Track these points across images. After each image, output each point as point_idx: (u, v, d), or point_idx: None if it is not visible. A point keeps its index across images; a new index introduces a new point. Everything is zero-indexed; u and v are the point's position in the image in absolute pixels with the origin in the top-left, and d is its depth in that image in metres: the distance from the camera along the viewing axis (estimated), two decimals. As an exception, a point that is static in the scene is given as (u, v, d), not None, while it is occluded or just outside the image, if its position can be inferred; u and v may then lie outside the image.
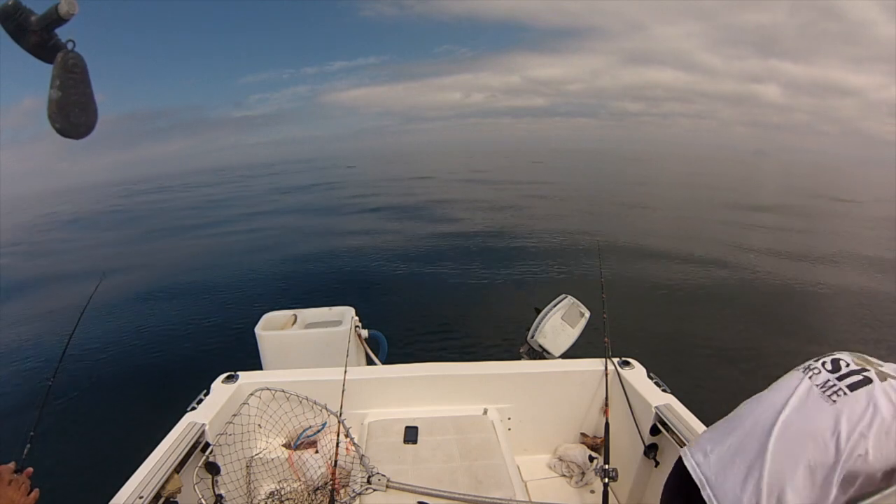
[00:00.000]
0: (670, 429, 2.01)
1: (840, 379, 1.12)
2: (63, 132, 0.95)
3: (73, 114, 0.95)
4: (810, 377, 1.18)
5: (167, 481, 1.78)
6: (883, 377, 1.08)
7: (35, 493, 1.26)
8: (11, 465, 1.26)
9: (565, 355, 2.77)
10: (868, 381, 1.08)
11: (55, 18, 0.87)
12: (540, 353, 2.82)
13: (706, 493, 1.16)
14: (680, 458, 1.33)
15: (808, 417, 1.10)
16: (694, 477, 1.22)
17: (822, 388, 1.13)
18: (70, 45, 0.93)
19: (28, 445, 1.48)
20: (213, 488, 2.15)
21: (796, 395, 1.16)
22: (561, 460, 2.54)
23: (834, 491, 1.02)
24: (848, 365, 1.15)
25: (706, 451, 1.25)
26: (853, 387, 1.09)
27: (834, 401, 1.08)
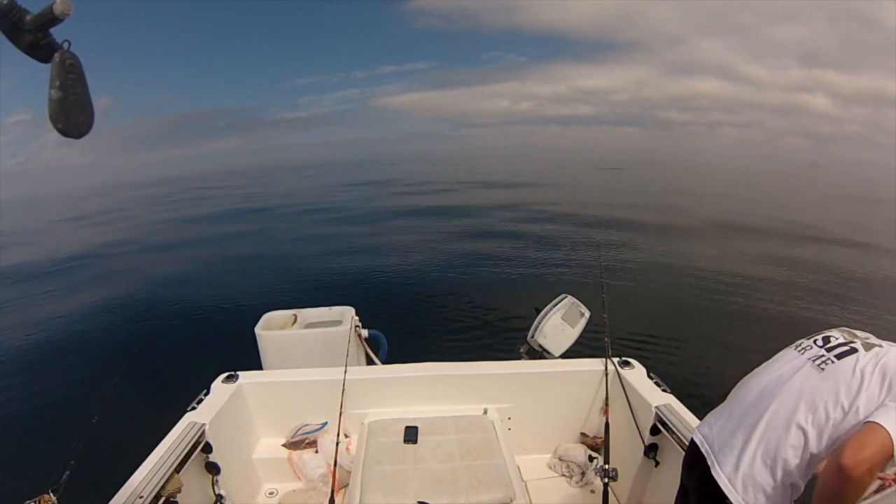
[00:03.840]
0: (670, 429, 2.01)
1: (829, 351, 1.23)
2: (64, 132, 0.95)
3: (73, 113, 0.95)
4: (802, 352, 1.29)
5: (167, 481, 1.78)
6: (868, 347, 1.19)
7: None
8: None
9: (565, 355, 2.77)
10: (854, 350, 1.19)
11: (50, 18, 0.87)
12: (540, 353, 2.82)
13: (710, 459, 1.28)
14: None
15: (801, 385, 1.20)
16: (701, 449, 1.33)
17: (813, 360, 1.23)
18: (66, 45, 0.93)
19: (67, 472, 1.49)
20: (213, 488, 2.15)
21: (790, 367, 1.27)
22: (561, 460, 2.54)
23: (825, 445, 1.12)
24: (837, 339, 1.26)
25: (711, 425, 1.37)
26: (840, 356, 1.19)
27: (823, 369, 1.19)
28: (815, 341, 1.29)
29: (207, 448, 2.10)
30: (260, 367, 3.05)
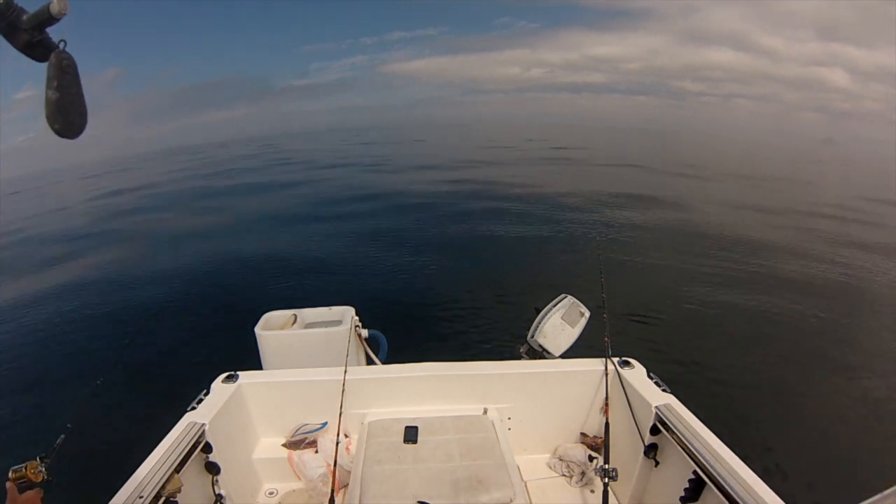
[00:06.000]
0: (670, 429, 2.01)
1: None
2: (61, 133, 0.96)
3: (69, 114, 0.95)
4: None
5: (167, 481, 1.78)
6: None
7: None
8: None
9: (565, 355, 2.77)
10: None
11: (47, 17, 0.87)
12: (540, 353, 2.82)
13: None
14: None
15: None
16: None
17: None
18: (62, 45, 0.93)
19: (62, 436, 1.47)
20: (213, 488, 2.15)
21: None
22: (561, 460, 2.54)
23: None
24: None
25: None
26: None
27: None
28: None
29: (207, 448, 2.10)
30: (260, 367, 3.06)
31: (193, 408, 2.20)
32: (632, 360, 2.50)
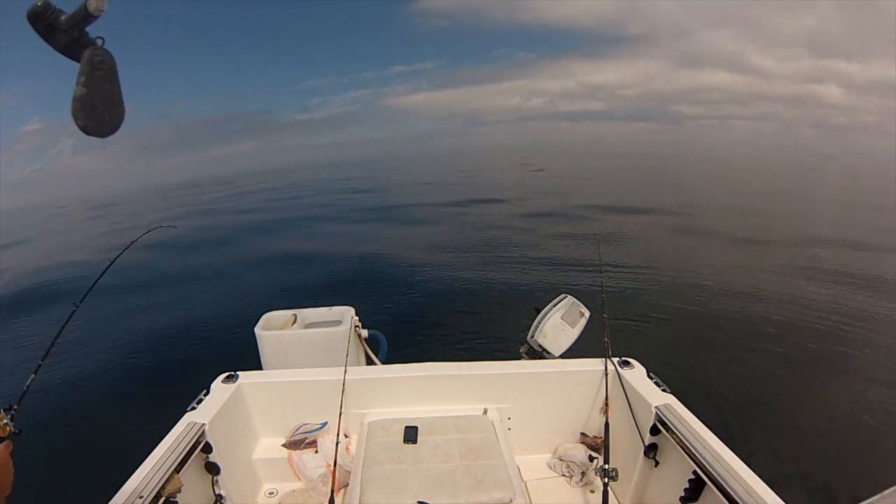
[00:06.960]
0: (670, 429, 2.01)
1: None
2: (86, 130, 0.93)
3: (96, 111, 0.93)
4: None
5: (167, 481, 1.78)
6: None
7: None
8: None
9: (565, 355, 2.77)
10: None
11: (84, 16, 0.86)
12: (540, 353, 2.82)
13: None
14: None
15: None
16: None
17: None
18: (99, 42, 0.92)
19: (33, 376, 1.41)
20: (213, 488, 2.15)
21: None
22: (561, 460, 2.54)
23: None
24: None
25: None
26: None
27: None
28: None
29: (207, 448, 2.10)
30: (260, 367, 3.06)
31: (193, 408, 2.20)
32: (632, 360, 2.50)
